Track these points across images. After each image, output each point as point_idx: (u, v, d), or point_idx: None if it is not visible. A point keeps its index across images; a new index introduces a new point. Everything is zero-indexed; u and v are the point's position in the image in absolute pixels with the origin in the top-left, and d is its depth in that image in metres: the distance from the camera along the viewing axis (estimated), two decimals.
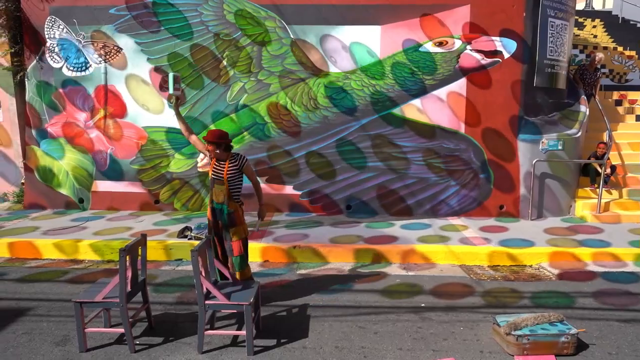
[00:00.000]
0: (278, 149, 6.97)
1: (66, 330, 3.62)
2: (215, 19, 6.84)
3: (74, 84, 7.18)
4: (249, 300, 3.15)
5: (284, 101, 6.88)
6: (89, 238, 5.63)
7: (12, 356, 3.26)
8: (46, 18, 7.10)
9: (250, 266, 4.77)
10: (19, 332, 3.60)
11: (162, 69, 6.95)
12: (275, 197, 7.03)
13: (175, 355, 3.24)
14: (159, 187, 7.14)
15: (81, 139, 7.25)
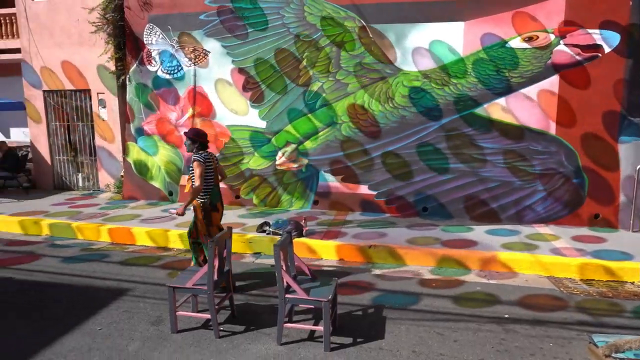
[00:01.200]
0: (354, 148, 6.99)
1: (159, 311, 3.94)
2: (296, 20, 7.02)
3: (167, 85, 7.78)
4: (327, 297, 3.20)
5: (361, 100, 6.88)
6: (177, 228, 6.06)
7: (115, 331, 3.63)
8: (145, 26, 7.77)
9: (323, 264, 4.84)
10: (120, 310, 3.99)
11: (246, 70, 7.28)
12: (350, 196, 7.06)
13: (256, 345, 3.38)
14: (239, 183, 7.50)
15: (172, 137, 7.84)
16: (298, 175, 7.24)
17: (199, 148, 4.36)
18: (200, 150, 4.36)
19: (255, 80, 7.26)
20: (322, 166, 7.15)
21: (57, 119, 9.01)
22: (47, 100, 8.94)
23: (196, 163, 4.24)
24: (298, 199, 7.26)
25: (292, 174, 7.26)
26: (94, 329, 3.65)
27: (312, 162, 7.18)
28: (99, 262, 5.32)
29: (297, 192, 7.26)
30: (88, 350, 3.33)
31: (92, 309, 4.00)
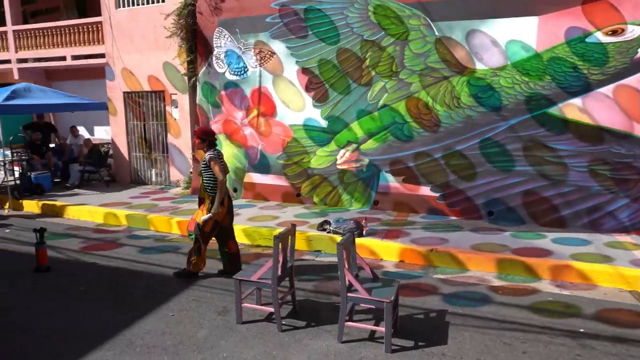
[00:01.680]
0: (416, 148, 6.86)
1: (225, 302, 4.13)
2: (359, 20, 7.03)
3: (234, 86, 8.11)
4: (390, 298, 3.19)
5: (425, 100, 6.75)
6: (241, 223, 6.31)
7: (185, 317, 3.86)
8: (215, 30, 8.15)
9: (383, 265, 4.81)
10: (190, 299, 4.23)
11: (310, 70, 7.40)
12: (411, 197, 6.94)
13: (317, 341, 3.45)
14: (301, 181, 7.65)
15: (237, 136, 8.16)
16: (359, 175, 7.25)
17: (209, 146, 4.64)
18: (210, 148, 4.63)
19: (318, 80, 7.36)
20: (383, 166, 7.10)
21: (135, 118, 9.71)
22: (126, 100, 9.67)
23: (213, 161, 4.51)
24: (358, 199, 7.27)
25: (353, 174, 7.28)
26: (167, 315, 3.90)
27: (373, 162, 7.15)
28: (171, 252, 5.68)
29: (357, 191, 7.27)
30: (162, 334, 3.57)
31: (165, 296, 4.28)
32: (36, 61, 11.33)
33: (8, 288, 4.56)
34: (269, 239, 5.87)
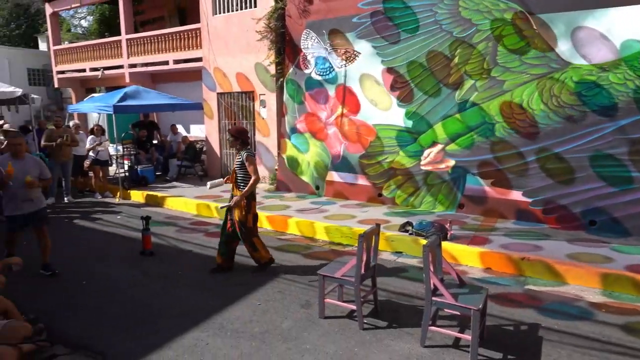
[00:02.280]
0: (508, 150, 6.47)
1: (308, 296, 4.26)
2: (449, 17, 6.79)
3: (319, 86, 8.29)
4: (477, 306, 3.06)
5: (519, 99, 6.33)
6: (323, 221, 6.44)
7: (271, 307, 4.05)
8: (302, 32, 8.40)
9: (467, 271, 4.63)
10: (275, 290, 4.43)
11: (395, 69, 7.32)
12: (500, 202, 6.57)
13: (398, 343, 3.42)
14: (383, 181, 7.60)
15: (321, 134, 8.34)
16: (443, 177, 7.02)
17: (242, 144, 4.74)
18: (244, 147, 4.73)
19: (403, 80, 7.25)
20: (470, 168, 6.80)
21: (226, 117, 10.36)
22: (220, 101, 10.34)
23: (251, 158, 4.66)
24: (442, 201, 7.05)
25: (438, 175, 7.07)
26: (254, 303, 4.13)
27: (459, 164, 6.88)
28: None
29: (441, 193, 7.05)
30: (249, 321, 3.79)
31: (252, 286, 4.52)
32: (144, 66, 12.56)
33: (122, 269, 5.13)
34: (349, 237, 5.93)
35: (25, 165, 4.69)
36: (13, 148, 4.70)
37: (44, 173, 4.86)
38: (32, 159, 4.91)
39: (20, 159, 4.69)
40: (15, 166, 4.53)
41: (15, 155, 4.68)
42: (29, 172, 4.65)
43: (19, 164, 4.63)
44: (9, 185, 4.51)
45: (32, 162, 4.83)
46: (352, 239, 5.88)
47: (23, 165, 4.66)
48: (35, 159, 4.94)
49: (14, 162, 4.60)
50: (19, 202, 4.67)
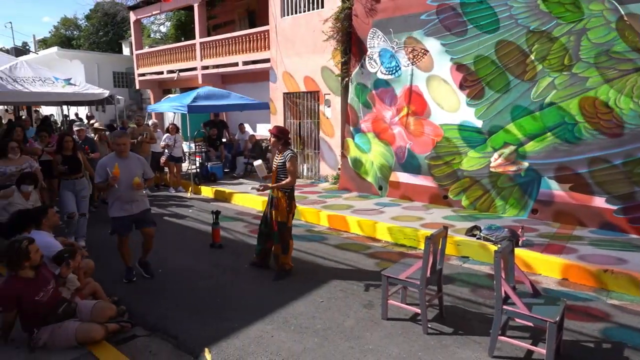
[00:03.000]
0: (590, 153, 5.99)
1: (370, 297, 4.24)
2: (526, 10, 6.41)
3: (385, 85, 8.20)
4: (554, 318, 2.87)
5: (605, 97, 5.83)
6: (386, 222, 6.37)
7: (334, 305, 4.08)
8: (369, 30, 8.35)
9: (540, 281, 4.37)
10: (337, 288, 4.45)
11: (465, 67, 7.05)
12: (579, 208, 6.09)
13: (465, 351, 3.29)
14: (449, 183, 7.36)
15: (386, 134, 8.24)
16: (515, 180, 6.64)
17: (284, 145, 4.66)
18: (286, 147, 4.66)
19: (474, 77, 6.96)
20: (545, 171, 6.38)
21: (292, 116, 10.58)
22: (286, 100, 10.58)
23: (294, 160, 4.59)
24: (513, 206, 6.67)
25: (509, 178, 6.70)
26: (317, 300, 4.18)
27: (533, 166, 6.48)
28: (319, 242, 6.05)
29: (512, 197, 6.68)
30: (312, 317, 3.84)
31: (315, 283, 4.58)
32: (215, 67, 13.19)
33: (195, 260, 5.43)
34: (413, 239, 5.81)
35: (130, 165, 4.50)
36: (117, 147, 4.52)
37: (148, 172, 4.74)
38: (136, 157, 4.70)
39: (124, 158, 4.52)
40: (121, 166, 4.37)
41: (120, 154, 4.52)
42: (134, 172, 4.49)
43: (124, 163, 4.45)
44: (115, 187, 4.36)
45: (136, 161, 4.63)
46: (416, 241, 5.76)
47: (127, 164, 4.48)
48: (140, 158, 4.76)
49: (120, 161, 4.43)
50: (124, 203, 4.51)
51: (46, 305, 3.31)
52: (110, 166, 4.35)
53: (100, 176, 4.44)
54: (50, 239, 4.05)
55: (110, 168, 4.33)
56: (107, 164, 4.41)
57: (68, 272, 3.60)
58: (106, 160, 4.49)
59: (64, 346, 3.29)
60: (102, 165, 4.44)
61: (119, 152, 4.54)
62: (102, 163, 4.47)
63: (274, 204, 4.75)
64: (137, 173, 4.52)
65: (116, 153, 4.56)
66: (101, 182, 4.43)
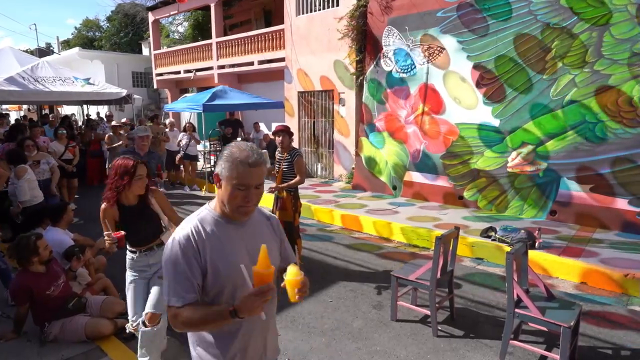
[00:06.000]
0: (612, 153, 5.78)
1: (380, 297, 4.17)
2: (546, 6, 6.23)
3: (400, 83, 8.09)
4: (569, 323, 2.76)
5: (628, 94, 5.62)
6: (399, 222, 6.28)
7: (342, 305, 4.02)
8: (384, 29, 8.26)
9: (557, 285, 4.24)
10: (347, 288, 4.40)
11: (482, 65, 6.90)
12: (601, 210, 5.89)
13: (475, 354, 3.20)
14: (464, 183, 7.21)
15: (400, 133, 8.14)
16: (534, 180, 6.47)
17: (290, 143, 4.65)
18: (291, 146, 4.63)
19: (492, 75, 6.80)
20: (565, 172, 6.19)
21: (306, 115, 10.55)
22: (300, 99, 10.56)
23: (302, 160, 4.59)
24: (531, 207, 6.50)
25: (527, 178, 6.53)
26: (326, 300, 4.14)
27: (552, 167, 6.30)
28: (331, 242, 6.00)
29: (530, 198, 6.50)
30: (321, 317, 3.80)
31: (324, 282, 4.54)
32: (231, 67, 13.27)
33: None
34: (426, 240, 5.71)
35: (150, 162, 4.48)
36: (139, 143, 4.60)
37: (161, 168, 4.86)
38: (156, 154, 4.79)
39: (144, 154, 4.57)
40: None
41: (140, 150, 4.60)
42: (153, 169, 4.53)
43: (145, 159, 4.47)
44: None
45: (157, 158, 4.70)
46: (429, 242, 5.66)
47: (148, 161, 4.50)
48: (157, 154, 4.87)
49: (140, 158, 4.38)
50: None
51: (57, 299, 3.35)
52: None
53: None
54: (64, 236, 4.12)
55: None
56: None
57: (78, 265, 3.65)
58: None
59: (73, 340, 3.33)
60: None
61: (139, 148, 4.58)
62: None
63: (279, 204, 4.73)
64: (154, 167, 4.56)
65: (137, 148, 4.62)
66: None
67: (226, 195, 1.49)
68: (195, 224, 1.53)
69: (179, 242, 1.49)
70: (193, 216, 1.59)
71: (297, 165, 4.60)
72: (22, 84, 8.42)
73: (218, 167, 1.52)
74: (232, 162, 1.47)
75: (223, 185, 1.51)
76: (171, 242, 1.51)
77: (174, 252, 1.48)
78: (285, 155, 4.66)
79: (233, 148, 1.51)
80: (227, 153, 1.50)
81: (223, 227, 1.55)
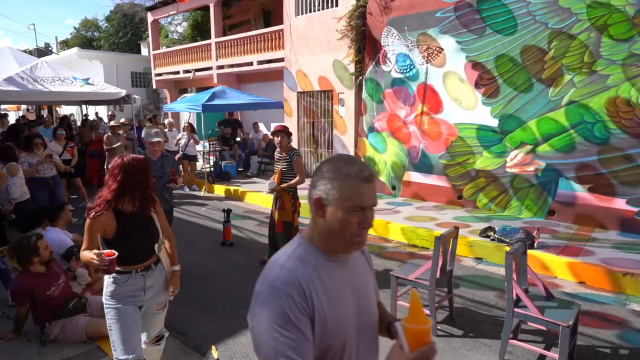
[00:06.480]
0: (611, 152, 5.80)
1: (380, 297, 4.17)
2: (545, 6, 6.25)
3: (399, 84, 8.11)
4: (568, 322, 2.77)
5: (626, 95, 5.65)
6: (398, 222, 6.29)
7: None
8: (383, 29, 8.27)
9: (557, 284, 4.26)
10: None
11: (481, 65, 6.92)
12: (599, 210, 5.91)
13: (475, 354, 3.22)
14: (463, 183, 7.23)
15: (399, 133, 8.15)
16: (532, 180, 6.49)
17: (289, 143, 4.66)
18: (290, 146, 4.64)
19: (491, 76, 6.82)
20: (564, 172, 6.21)
21: (305, 115, 10.56)
22: (299, 99, 10.57)
23: (301, 160, 4.61)
24: (530, 207, 6.52)
25: (525, 178, 6.55)
26: None
27: (551, 166, 6.32)
28: None
29: (529, 198, 6.53)
30: None
31: None
32: (230, 67, 13.27)
33: (206, 257, 5.46)
34: (425, 240, 5.73)
35: (164, 166, 4.34)
36: (150, 148, 4.33)
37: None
38: (170, 157, 4.55)
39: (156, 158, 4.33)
40: (156, 166, 4.19)
41: (153, 155, 4.33)
42: (168, 172, 4.36)
43: (159, 164, 4.29)
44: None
45: (171, 161, 4.47)
46: (429, 242, 5.67)
47: (162, 165, 4.32)
48: (171, 157, 4.62)
49: (153, 162, 4.17)
50: None
51: (57, 299, 3.36)
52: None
53: None
54: (64, 236, 4.12)
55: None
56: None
57: (77, 265, 3.65)
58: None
59: (74, 340, 3.34)
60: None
61: (151, 153, 4.30)
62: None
63: (279, 204, 4.75)
64: (169, 172, 4.32)
65: (148, 153, 4.35)
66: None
67: (336, 223, 1.16)
68: (295, 264, 1.18)
69: (280, 289, 1.12)
70: (285, 254, 1.23)
71: (296, 165, 4.62)
72: (21, 84, 8.40)
73: (319, 189, 1.18)
74: (343, 179, 1.15)
75: (330, 212, 1.16)
76: (266, 290, 1.15)
77: (274, 305, 1.10)
78: (284, 155, 4.68)
79: (337, 162, 1.19)
80: (331, 168, 1.17)
81: (325, 267, 1.20)
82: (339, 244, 1.19)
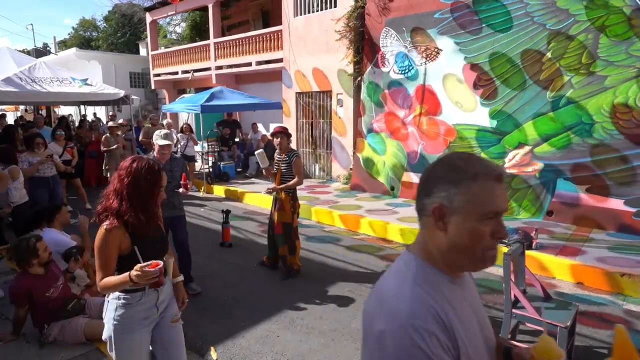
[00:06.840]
0: (608, 153, 5.83)
1: None
2: (542, 7, 6.28)
3: (398, 84, 8.12)
4: (565, 323, 2.79)
5: (623, 96, 5.67)
6: (397, 223, 6.30)
7: (340, 306, 4.05)
8: (382, 30, 8.29)
9: (555, 285, 4.28)
10: (345, 289, 4.42)
11: (479, 66, 6.94)
12: (597, 210, 5.93)
13: None
14: None
15: (398, 134, 8.16)
16: (530, 181, 6.51)
17: (288, 144, 4.66)
18: (289, 146, 4.64)
19: (488, 77, 6.85)
20: (561, 172, 6.23)
21: (304, 116, 10.57)
22: (298, 100, 10.58)
23: (300, 161, 4.62)
24: (527, 207, 6.54)
25: (523, 179, 6.57)
26: (325, 301, 4.15)
27: (549, 168, 6.34)
28: (330, 243, 6.02)
29: (526, 199, 6.55)
30: (319, 318, 3.82)
31: (324, 283, 4.56)
32: (229, 67, 13.27)
33: (205, 258, 5.46)
34: None
35: (173, 169, 4.11)
36: (160, 152, 4.04)
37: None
38: (180, 160, 4.32)
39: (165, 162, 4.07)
40: (165, 169, 3.73)
41: (162, 158, 4.05)
42: (177, 175, 4.14)
43: (168, 167, 4.04)
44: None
45: (180, 164, 4.21)
46: None
47: (171, 168, 4.08)
48: (180, 159, 4.38)
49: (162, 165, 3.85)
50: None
51: (56, 301, 3.36)
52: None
53: None
54: (62, 236, 4.12)
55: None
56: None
57: (76, 267, 3.65)
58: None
59: (73, 342, 3.34)
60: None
61: (160, 157, 4.02)
62: None
63: (278, 205, 4.75)
64: (179, 176, 4.09)
65: (156, 156, 4.05)
66: None
67: (465, 235, 0.95)
68: (425, 290, 0.94)
69: (421, 327, 0.87)
70: (405, 277, 0.98)
71: (295, 166, 4.63)
72: (19, 84, 8.39)
73: (437, 195, 0.97)
74: (471, 181, 0.94)
75: (455, 222, 0.95)
76: (398, 329, 0.88)
77: (414, 352, 0.86)
78: (284, 156, 4.69)
79: (456, 160, 0.98)
80: (451, 169, 0.97)
81: (449, 289, 0.99)
82: (467, 262, 0.98)
